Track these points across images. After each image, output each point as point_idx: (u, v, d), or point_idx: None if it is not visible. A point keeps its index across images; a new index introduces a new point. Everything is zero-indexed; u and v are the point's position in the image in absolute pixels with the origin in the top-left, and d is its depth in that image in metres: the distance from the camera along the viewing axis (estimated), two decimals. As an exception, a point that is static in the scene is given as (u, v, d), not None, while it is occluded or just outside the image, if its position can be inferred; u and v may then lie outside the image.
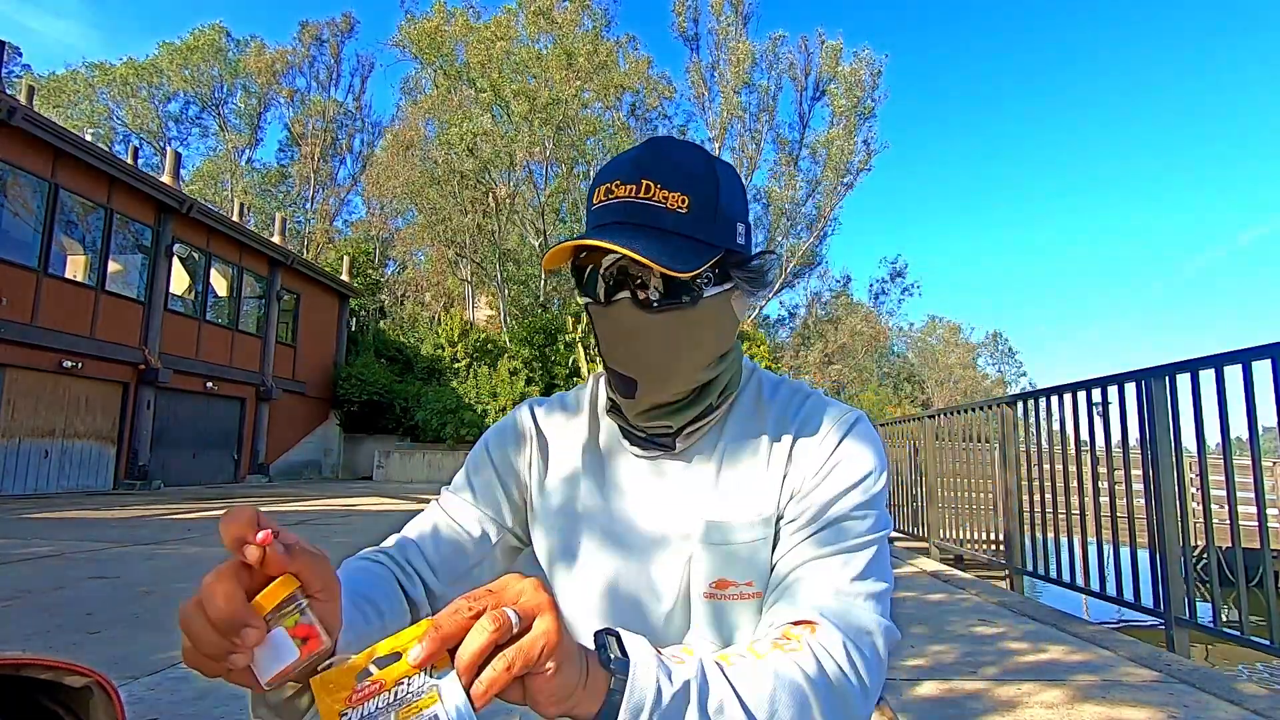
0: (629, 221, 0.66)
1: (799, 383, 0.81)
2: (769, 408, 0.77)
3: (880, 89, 28.93)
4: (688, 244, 0.65)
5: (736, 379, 0.78)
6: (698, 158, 0.70)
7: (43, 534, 6.56)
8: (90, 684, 0.44)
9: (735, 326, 0.75)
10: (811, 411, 0.75)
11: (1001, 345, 53.29)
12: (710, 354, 0.73)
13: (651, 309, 0.68)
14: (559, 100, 24.76)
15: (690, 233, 0.66)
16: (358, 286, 24.57)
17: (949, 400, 41.74)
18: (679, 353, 0.70)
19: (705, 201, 0.67)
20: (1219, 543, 3.00)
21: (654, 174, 0.66)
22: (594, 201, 0.69)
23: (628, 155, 0.70)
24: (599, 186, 0.69)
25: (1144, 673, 2.58)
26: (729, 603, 0.71)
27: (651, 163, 0.67)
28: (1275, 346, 2.59)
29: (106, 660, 2.62)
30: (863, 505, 0.69)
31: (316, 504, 10.91)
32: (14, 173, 11.51)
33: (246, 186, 33.78)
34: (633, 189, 0.66)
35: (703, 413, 0.74)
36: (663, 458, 0.76)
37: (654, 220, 0.66)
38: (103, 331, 13.19)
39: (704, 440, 0.76)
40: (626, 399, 0.73)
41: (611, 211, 0.67)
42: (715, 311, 0.71)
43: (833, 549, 0.67)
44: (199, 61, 33.30)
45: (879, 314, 34.82)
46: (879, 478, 0.71)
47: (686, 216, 0.66)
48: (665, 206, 0.65)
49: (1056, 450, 4.27)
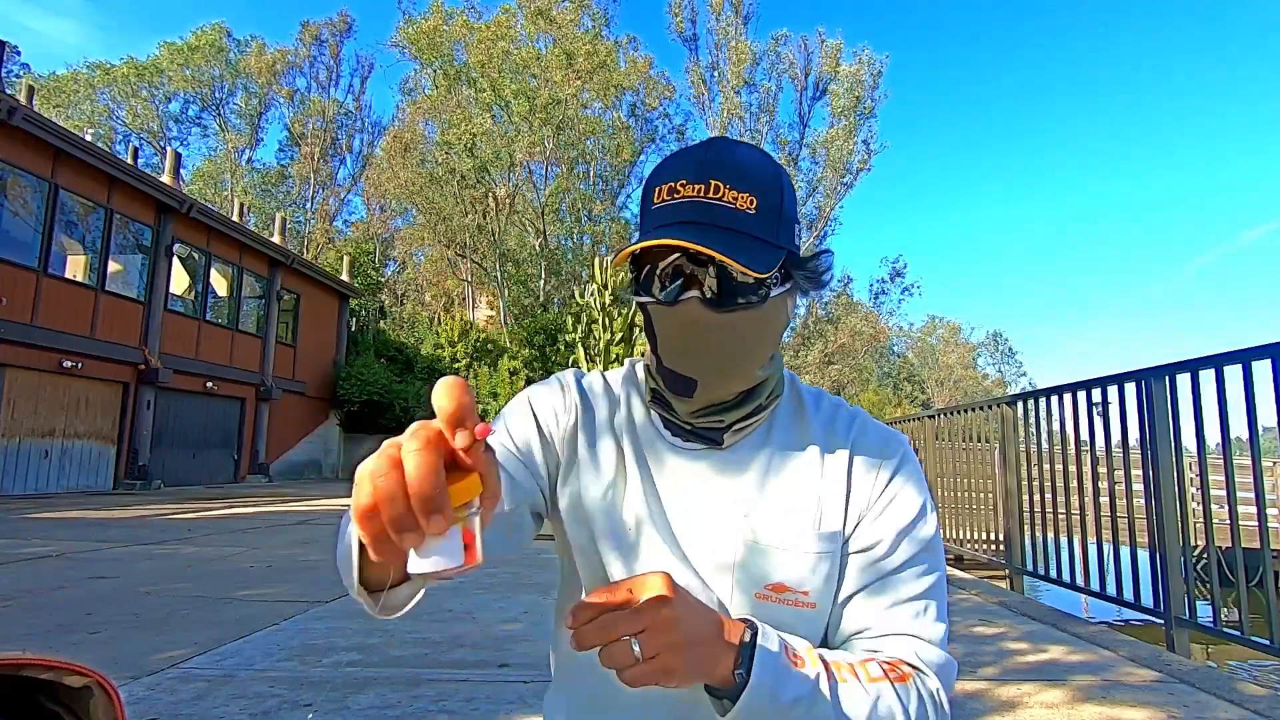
0: (698, 221, 0.65)
1: (838, 397, 0.83)
2: (814, 417, 0.78)
3: (881, 89, 29.00)
4: (757, 244, 0.65)
5: (781, 381, 0.79)
6: (761, 159, 0.70)
7: (43, 534, 6.56)
8: (90, 684, 0.44)
9: (787, 327, 0.76)
10: (864, 430, 0.77)
11: (1001, 345, 53.33)
12: (767, 354, 0.74)
13: (721, 309, 0.67)
14: (559, 100, 24.77)
15: (758, 233, 0.66)
16: (358, 286, 24.56)
17: (949, 400, 41.74)
18: (742, 353, 0.71)
19: (771, 203, 0.67)
20: (1219, 543, 2.99)
21: (721, 174, 0.66)
22: (655, 200, 0.69)
23: (689, 155, 0.69)
24: (660, 185, 0.68)
25: (1144, 673, 2.58)
26: (783, 607, 0.71)
27: (718, 163, 0.67)
28: (1275, 346, 2.59)
29: (106, 660, 2.62)
30: (936, 538, 0.73)
31: (317, 504, 10.91)
32: (14, 173, 11.51)
33: (246, 186, 33.79)
34: (701, 189, 0.66)
35: (753, 411, 0.75)
36: (706, 452, 0.76)
37: (724, 220, 0.65)
38: (103, 331, 13.19)
39: (750, 439, 0.77)
40: (683, 398, 0.73)
41: (678, 210, 0.66)
42: (776, 311, 0.72)
43: (915, 587, 0.71)
44: (200, 61, 33.33)
45: (879, 314, 34.84)
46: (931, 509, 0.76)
47: (754, 217, 0.66)
48: (735, 207, 0.65)
49: (1056, 450, 4.27)
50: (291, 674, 2.49)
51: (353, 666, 2.60)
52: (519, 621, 3.33)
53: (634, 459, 0.77)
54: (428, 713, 2.16)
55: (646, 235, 0.66)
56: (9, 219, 11.59)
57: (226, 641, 2.92)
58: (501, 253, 26.34)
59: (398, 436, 0.40)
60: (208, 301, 16.43)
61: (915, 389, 43.71)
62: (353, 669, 2.57)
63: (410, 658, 2.70)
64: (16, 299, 11.46)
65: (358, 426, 21.41)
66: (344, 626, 3.20)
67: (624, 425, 0.80)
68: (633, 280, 0.73)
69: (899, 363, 46.66)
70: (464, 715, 2.15)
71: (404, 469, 0.38)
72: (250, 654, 2.75)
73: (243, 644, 2.90)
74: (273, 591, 4.05)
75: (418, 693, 2.32)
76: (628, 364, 0.86)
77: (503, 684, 2.44)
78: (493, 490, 0.42)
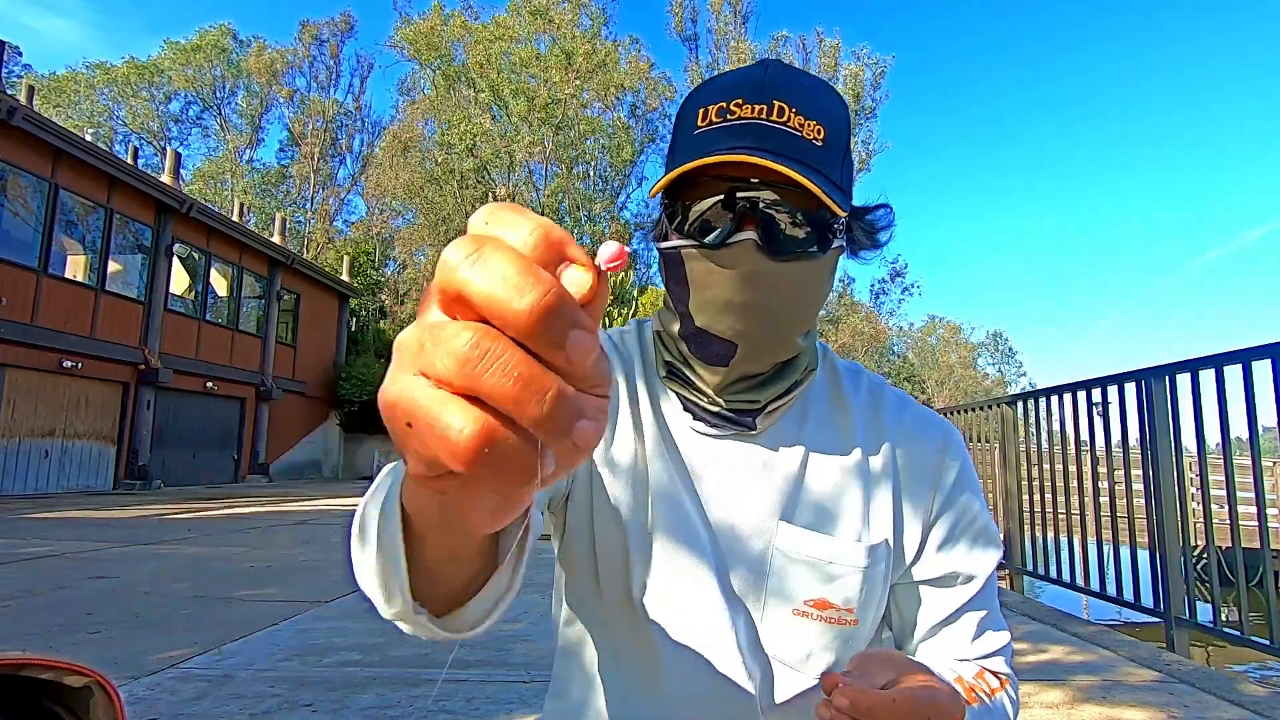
0: (761, 146, 0.54)
1: (878, 376, 0.73)
2: (855, 401, 0.69)
3: (882, 89, 29.00)
4: (826, 182, 0.55)
5: (815, 354, 0.70)
6: (826, 88, 0.60)
7: (43, 534, 6.56)
8: (90, 684, 0.44)
9: (832, 285, 0.65)
10: (915, 421, 0.69)
11: (1001, 345, 53.31)
12: (815, 318, 0.64)
13: (780, 256, 0.56)
14: (558, 100, 24.79)
15: (826, 170, 0.56)
16: (358, 286, 24.58)
17: (949, 400, 41.75)
18: (793, 314, 0.60)
19: (838, 136, 0.57)
20: (1219, 543, 3.00)
21: (788, 97, 0.55)
22: (700, 123, 0.57)
23: (743, 75, 0.58)
24: (708, 105, 0.57)
25: (1145, 673, 2.58)
26: (824, 625, 0.63)
27: (782, 84, 0.56)
28: (1275, 346, 2.58)
29: (106, 660, 2.62)
30: (997, 540, 0.70)
31: (317, 504, 10.91)
32: (14, 173, 11.51)
33: (246, 186, 33.78)
34: (763, 110, 0.55)
35: (789, 388, 0.65)
36: (736, 439, 0.66)
37: (792, 149, 0.54)
38: (103, 331, 13.18)
39: (783, 424, 0.67)
40: (716, 367, 0.62)
41: (734, 134, 0.55)
42: (831, 268, 0.61)
43: (989, 609, 0.68)
44: (202, 61, 33.33)
45: (879, 314, 34.84)
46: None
47: (822, 150, 0.55)
48: (802, 135, 0.55)
49: (1056, 450, 4.27)
50: (291, 674, 2.49)
51: (353, 666, 2.60)
52: (519, 621, 3.33)
53: (656, 449, 0.66)
54: (428, 713, 2.16)
55: (720, 150, 0.54)
56: (9, 219, 11.59)
57: (226, 641, 2.92)
58: (501, 253, 26.35)
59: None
60: (208, 301, 16.43)
61: (915, 389, 43.72)
62: (353, 669, 2.57)
63: (410, 658, 2.70)
64: (16, 299, 11.46)
65: (358, 426, 21.41)
66: (344, 626, 3.20)
67: (642, 405, 0.68)
68: (661, 220, 0.61)
69: (899, 363, 46.66)
70: (464, 715, 2.14)
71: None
72: (250, 654, 2.75)
73: (243, 644, 2.89)
74: (273, 591, 4.05)
75: (418, 693, 2.32)
76: (632, 325, 0.74)
77: (503, 684, 2.44)
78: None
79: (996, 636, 0.68)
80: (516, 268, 0.21)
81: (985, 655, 0.67)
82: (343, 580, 4.44)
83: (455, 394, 0.21)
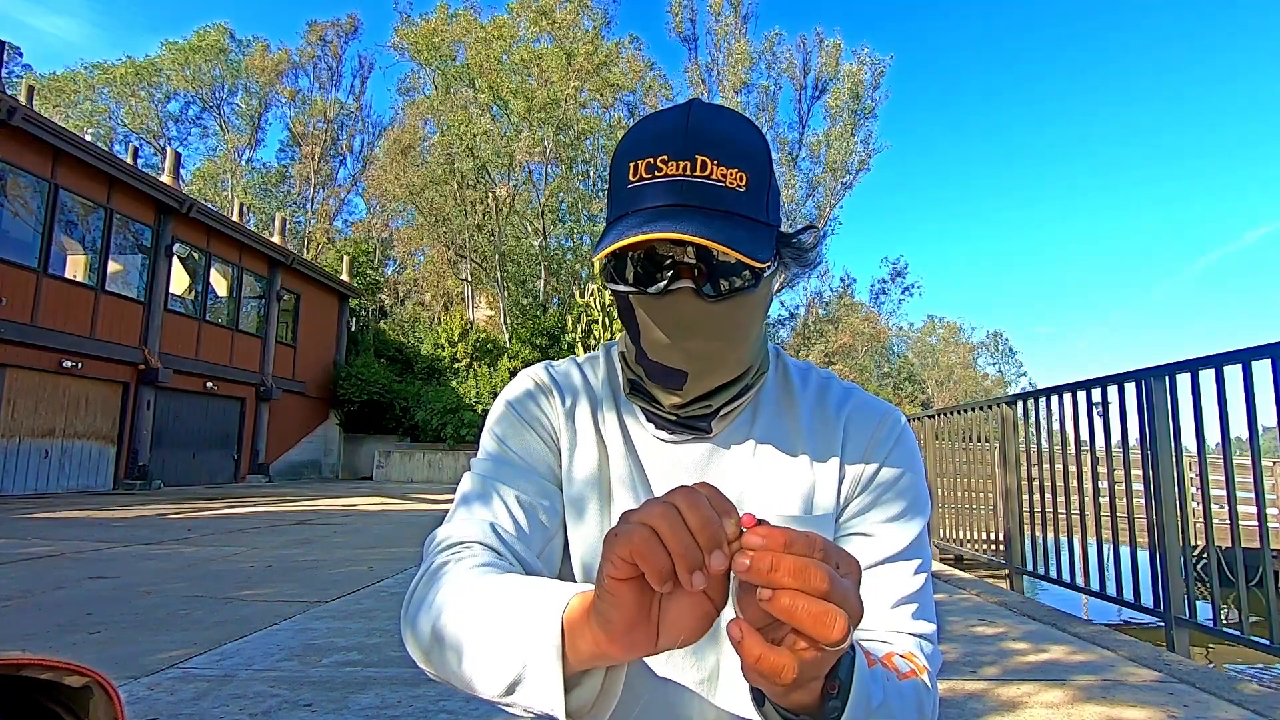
0: (686, 204, 0.58)
1: (827, 371, 0.78)
2: (802, 395, 0.74)
3: (882, 89, 29.02)
4: (751, 227, 0.59)
5: (766, 357, 0.75)
6: (747, 128, 0.63)
7: (43, 534, 6.56)
8: (90, 684, 0.44)
9: (772, 303, 0.71)
10: (857, 406, 0.73)
11: (1001, 345, 53.34)
12: (757, 335, 0.70)
13: (716, 298, 0.61)
14: (557, 100, 24.79)
15: (750, 213, 0.59)
16: (358, 286, 24.58)
17: (949, 400, 41.76)
18: (735, 341, 0.66)
19: (761, 178, 0.61)
20: (1219, 543, 3.00)
21: (709, 148, 0.58)
22: (633, 178, 0.60)
23: (669, 123, 0.61)
24: (638, 160, 0.60)
25: (1145, 673, 2.58)
26: None
27: (702, 134, 0.59)
28: (1275, 346, 2.59)
29: (106, 660, 2.62)
30: (926, 528, 0.71)
31: (316, 504, 10.91)
32: (14, 173, 11.51)
33: (246, 186, 33.77)
34: (686, 166, 0.58)
35: (740, 392, 0.71)
36: (692, 443, 0.72)
37: (715, 202, 0.58)
38: (103, 331, 13.19)
39: (736, 425, 0.72)
40: (672, 391, 0.68)
41: (660, 192, 0.58)
42: (766, 293, 0.66)
43: (913, 584, 0.68)
44: (201, 61, 33.33)
45: (880, 314, 34.84)
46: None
47: (745, 196, 0.59)
48: (725, 185, 0.58)
49: (1056, 450, 4.27)
50: (291, 674, 2.49)
51: (353, 666, 2.60)
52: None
53: (618, 457, 0.73)
54: (428, 713, 2.16)
55: (626, 219, 0.59)
56: (9, 219, 11.59)
57: (226, 641, 2.92)
58: (501, 253, 26.34)
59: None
60: (207, 301, 16.43)
61: (915, 389, 43.70)
62: (353, 669, 2.57)
63: (410, 658, 2.70)
64: (16, 299, 11.46)
65: (358, 426, 21.42)
66: (344, 626, 3.20)
67: (607, 420, 0.75)
68: (608, 265, 0.64)
69: (899, 363, 46.64)
70: (464, 715, 2.14)
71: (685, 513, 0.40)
72: (250, 654, 2.75)
73: (243, 644, 2.90)
74: (273, 591, 4.05)
75: (418, 693, 2.32)
76: (602, 351, 0.81)
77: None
78: None
79: (917, 620, 0.66)
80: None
81: (904, 633, 0.65)
82: (342, 580, 4.44)
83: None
